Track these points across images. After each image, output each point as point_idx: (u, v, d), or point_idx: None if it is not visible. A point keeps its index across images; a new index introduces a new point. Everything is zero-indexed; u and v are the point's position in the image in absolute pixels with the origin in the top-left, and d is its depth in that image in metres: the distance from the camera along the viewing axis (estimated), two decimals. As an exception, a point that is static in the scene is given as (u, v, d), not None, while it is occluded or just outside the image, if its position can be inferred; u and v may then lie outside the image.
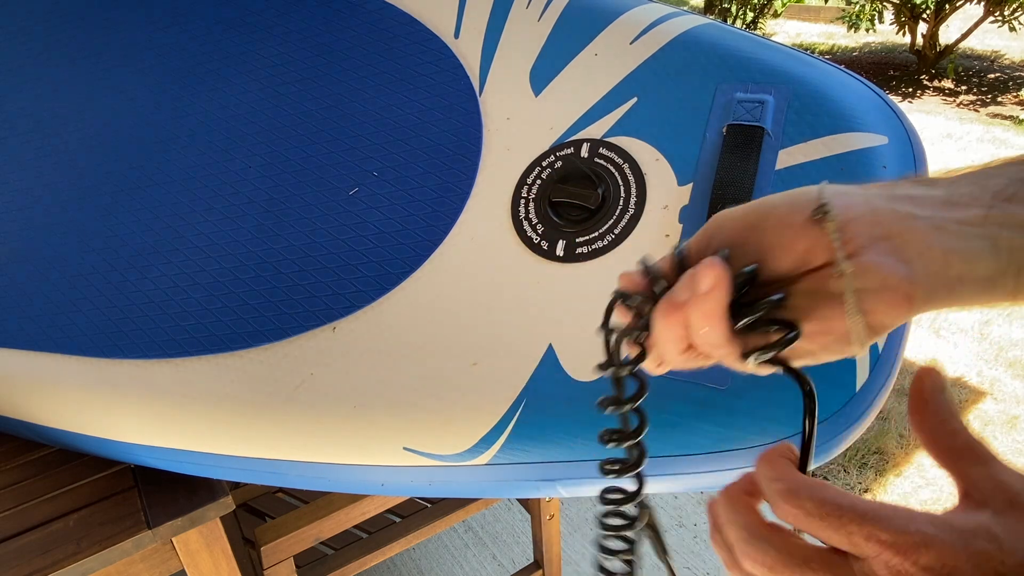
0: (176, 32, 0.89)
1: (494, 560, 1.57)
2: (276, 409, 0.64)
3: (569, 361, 0.56)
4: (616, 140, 0.63)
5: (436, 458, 0.59)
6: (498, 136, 0.68)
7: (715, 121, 0.61)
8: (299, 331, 0.66)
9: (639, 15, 0.67)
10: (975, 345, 2.27)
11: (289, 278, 0.69)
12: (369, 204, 0.69)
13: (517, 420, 0.56)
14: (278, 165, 0.75)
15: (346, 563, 1.07)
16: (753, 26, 6.46)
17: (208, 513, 0.71)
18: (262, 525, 0.93)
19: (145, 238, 0.77)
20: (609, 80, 0.65)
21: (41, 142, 0.90)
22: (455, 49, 0.73)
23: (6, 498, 0.74)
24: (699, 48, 0.64)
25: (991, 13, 4.77)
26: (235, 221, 0.74)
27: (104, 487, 0.75)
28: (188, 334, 0.70)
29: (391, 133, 0.72)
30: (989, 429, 1.94)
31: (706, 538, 1.60)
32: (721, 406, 0.51)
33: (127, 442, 0.71)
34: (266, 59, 0.82)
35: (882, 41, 6.44)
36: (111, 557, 0.67)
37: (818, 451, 0.51)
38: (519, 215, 0.63)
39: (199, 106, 0.83)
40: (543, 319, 0.59)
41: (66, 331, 0.75)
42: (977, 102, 4.70)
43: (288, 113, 0.78)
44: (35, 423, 0.76)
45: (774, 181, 0.57)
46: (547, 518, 1.21)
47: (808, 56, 0.63)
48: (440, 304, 0.62)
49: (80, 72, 0.92)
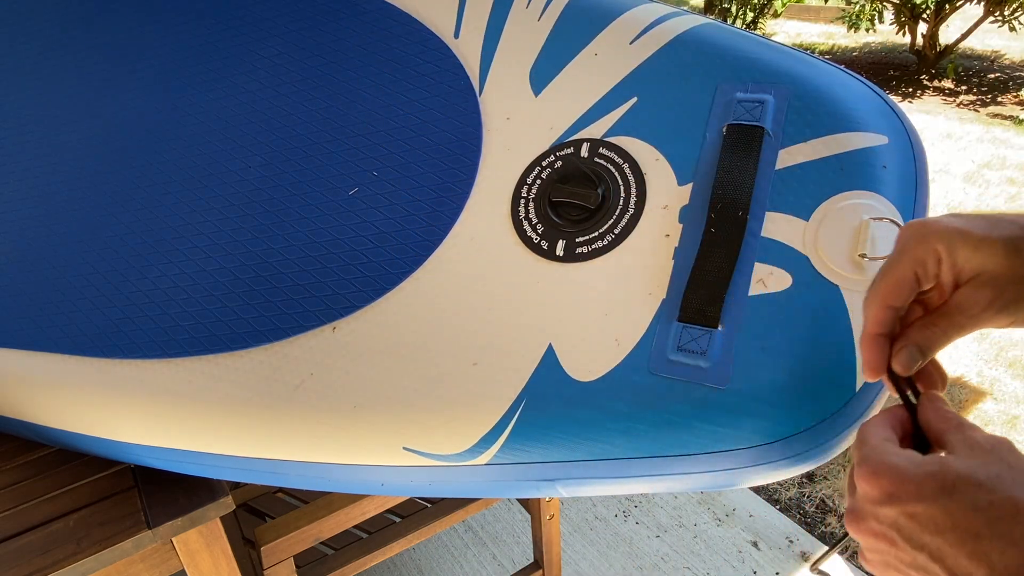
0: (175, 32, 0.89)
1: (494, 560, 1.57)
2: (276, 409, 0.64)
3: (569, 361, 0.56)
4: (616, 140, 0.63)
5: (436, 458, 0.59)
6: (498, 136, 0.68)
7: (715, 121, 0.61)
8: (299, 331, 0.66)
9: (639, 15, 0.67)
10: (975, 345, 2.28)
11: (289, 278, 0.69)
12: (369, 204, 0.69)
13: (517, 420, 0.56)
14: (278, 165, 0.75)
15: (346, 563, 1.07)
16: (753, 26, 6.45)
17: (208, 513, 0.71)
18: (262, 525, 0.93)
19: (145, 238, 0.77)
20: (609, 80, 0.65)
21: (41, 142, 0.90)
22: (455, 49, 0.73)
23: (6, 498, 0.74)
24: (699, 48, 0.64)
25: (991, 13, 4.77)
26: (235, 221, 0.74)
27: (104, 487, 0.75)
28: (188, 334, 0.70)
29: (391, 133, 0.72)
30: (989, 429, 1.94)
31: (706, 538, 1.60)
32: (721, 406, 0.51)
33: (127, 442, 0.71)
34: (266, 59, 0.82)
35: (882, 41, 6.44)
36: (111, 557, 0.67)
37: (818, 450, 0.51)
38: (519, 215, 0.63)
39: (199, 106, 0.83)
40: (543, 319, 0.59)
41: (66, 331, 0.75)
42: (977, 102, 4.69)
43: (288, 113, 0.78)
44: (35, 423, 0.76)
45: (774, 181, 0.57)
46: (547, 518, 1.21)
47: (808, 56, 0.63)
48: (440, 304, 0.62)
49: (80, 72, 0.92)
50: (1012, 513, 0.29)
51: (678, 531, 1.63)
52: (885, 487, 0.33)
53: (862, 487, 0.34)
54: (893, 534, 0.33)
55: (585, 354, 0.56)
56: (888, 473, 0.33)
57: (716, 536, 1.61)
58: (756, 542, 1.59)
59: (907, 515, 0.32)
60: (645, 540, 1.60)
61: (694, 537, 1.61)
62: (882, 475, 0.33)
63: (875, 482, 0.33)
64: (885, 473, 0.33)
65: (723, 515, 1.67)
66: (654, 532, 1.63)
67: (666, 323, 0.55)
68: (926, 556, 0.31)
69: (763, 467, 0.52)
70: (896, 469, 0.33)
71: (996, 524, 0.29)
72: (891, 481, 0.33)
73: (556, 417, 0.55)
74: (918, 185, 0.55)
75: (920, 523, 0.31)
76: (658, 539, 1.61)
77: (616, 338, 0.56)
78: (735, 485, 0.54)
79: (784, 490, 1.76)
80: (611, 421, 0.54)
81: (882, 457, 0.34)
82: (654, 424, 0.53)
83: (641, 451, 0.53)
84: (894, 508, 0.32)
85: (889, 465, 0.33)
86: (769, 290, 0.53)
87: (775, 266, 0.54)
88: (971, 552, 0.30)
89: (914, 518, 0.32)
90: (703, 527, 1.64)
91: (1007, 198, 3.42)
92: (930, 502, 0.31)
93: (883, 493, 0.33)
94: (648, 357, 0.54)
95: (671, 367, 0.53)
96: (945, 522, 0.30)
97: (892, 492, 0.32)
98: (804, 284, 0.53)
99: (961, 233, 0.38)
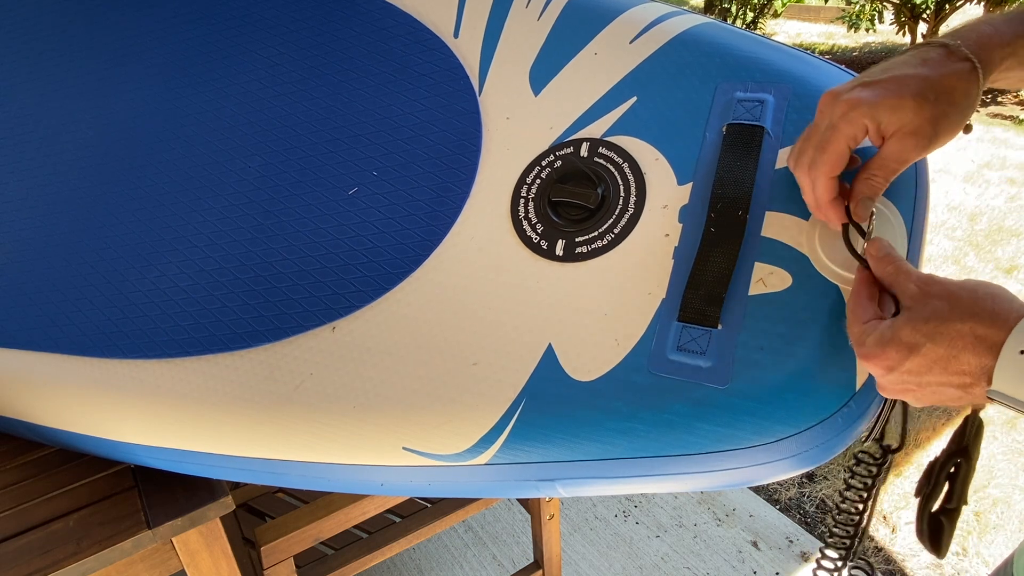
0: (175, 32, 0.89)
1: (494, 560, 1.57)
2: (276, 409, 0.64)
3: (569, 361, 0.56)
4: (616, 139, 0.63)
5: (435, 458, 0.59)
6: (498, 135, 0.68)
7: (715, 120, 0.61)
8: (298, 331, 0.66)
9: (639, 14, 0.67)
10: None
11: (288, 278, 0.69)
12: (369, 204, 0.69)
13: (516, 420, 0.56)
14: (277, 165, 0.75)
15: (346, 563, 1.07)
16: (753, 26, 6.46)
17: (208, 513, 0.71)
18: (262, 525, 0.93)
19: (145, 238, 0.77)
20: (609, 79, 0.65)
21: (41, 143, 0.90)
22: (455, 48, 0.73)
23: (6, 498, 0.74)
24: (699, 47, 0.64)
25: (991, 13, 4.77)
26: (234, 221, 0.74)
27: (104, 487, 0.75)
28: (188, 334, 0.70)
29: (390, 133, 0.72)
30: (989, 429, 1.94)
31: (706, 538, 1.60)
32: (721, 406, 0.51)
33: (127, 442, 0.71)
34: (265, 59, 0.82)
35: (882, 41, 6.44)
36: (111, 557, 0.67)
37: (818, 450, 0.51)
38: (519, 214, 0.63)
39: (199, 106, 0.83)
40: (542, 319, 0.58)
41: (66, 331, 0.75)
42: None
43: (287, 113, 0.78)
44: (35, 423, 0.76)
45: (774, 180, 0.57)
46: (547, 518, 1.21)
47: (808, 55, 0.63)
48: (439, 304, 0.62)
49: (80, 72, 0.92)
50: (950, 332, 0.40)
51: (678, 531, 1.63)
52: (881, 364, 0.43)
53: (868, 368, 0.45)
54: (908, 386, 0.43)
55: (585, 354, 0.56)
56: (875, 356, 0.43)
57: (716, 536, 1.61)
58: (756, 542, 1.59)
59: (905, 372, 0.42)
60: (645, 540, 1.60)
61: (694, 537, 1.61)
62: (872, 358, 0.44)
63: (872, 364, 0.44)
64: (873, 356, 0.44)
65: (723, 515, 1.67)
66: (654, 532, 1.63)
67: (666, 323, 0.55)
68: (936, 386, 0.42)
69: (763, 467, 0.52)
70: (877, 350, 0.43)
71: (950, 343, 0.40)
72: (880, 359, 0.43)
73: (556, 417, 0.55)
74: (918, 185, 0.55)
75: (916, 372, 0.42)
76: (658, 539, 1.61)
77: (616, 338, 0.56)
78: (735, 485, 0.54)
79: (784, 490, 1.76)
80: (611, 421, 0.54)
81: (862, 344, 0.44)
82: (654, 424, 0.53)
83: (641, 451, 0.53)
84: (895, 373, 0.43)
85: (871, 350, 0.44)
86: (769, 290, 0.53)
87: (775, 265, 0.54)
88: (954, 370, 0.41)
89: (911, 372, 0.42)
90: (703, 527, 1.64)
91: (1007, 198, 3.42)
92: (909, 359, 0.42)
93: (882, 368, 0.43)
94: (648, 357, 0.54)
95: (671, 367, 0.53)
96: (926, 363, 0.41)
97: (886, 366, 0.43)
98: (804, 284, 0.53)
99: (879, 104, 0.46)
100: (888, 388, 0.45)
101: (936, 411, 2.01)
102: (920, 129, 0.46)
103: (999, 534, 1.63)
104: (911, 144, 0.47)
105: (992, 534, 1.62)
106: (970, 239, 3.03)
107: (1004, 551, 1.57)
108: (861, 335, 0.45)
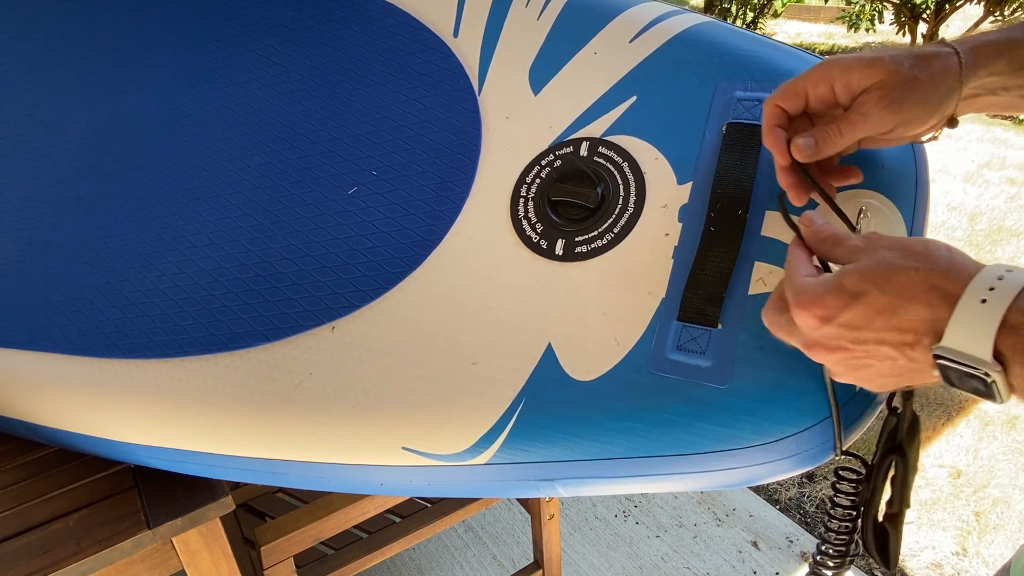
0: (174, 32, 0.89)
1: (494, 560, 1.57)
2: (275, 409, 0.64)
3: (568, 360, 0.56)
4: (615, 139, 0.63)
5: (435, 458, 0.59)
6: (497, 135, 0.68)
7: (715, 119, 0.60)
8: (298, 331, 0.66)
9: (638, 13, 0.67)
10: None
11: (288, 278, 0.69)
12: (368, 204, 0.69)
13: (516, 420, 0.56)
14: (277, 165, 0.75)
15: (346, 563, 1.07)
16: (753, 26, 6.46)
17: (208, 513, 0.71)
18: (262, 525, 0.93)
19: (144, 238, 0.77)
20: (608, 79, 0.65)
21: (40, 143, 0.90)
22: (454, 48, 0.73)
23: (6, 498, 0.74)
24: (698, 46, 0.64)
25: (991, 13, 4.77)
26: (234, 221, 0.74)
27: (104, 487, 0.75)
28: (187, 334, 0.70)
29: (390, 132, 0.72)
30: (989, 429, 1.94)
31: (706, 538, 1.60)
32: (721, 405, 0.51)
33: (127, 442, 0.71)
34: (264, 58, 0.82)
35: (882, 41, 6.44)
36: (111, 557, 0.67)
37: (818, 450, 0.51)
38: (518, 214, 0.63)
39: (199, 105, 0.83)
40: (542, 318, 0.58)
41: (66, 331, 0.75)
42: (977, 102, 4.69)
43: (287, 112, 0.78)
44: (35, 423, 0.76)
45: (774, 179, 0.57)
46: (547, 518, 1.21)
47: (808, 54, 0.63)
48: (439, 303, 0.62)
49: (80, 72, 0.92)
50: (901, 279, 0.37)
51: (678, 531, 1.63)
52: (816, 313, 0.39)
53: (801, 321, 0.41)
54: (841, 342, 0.40)
55: (584, 353, 0.56)
56: (812, 303, 0.40)
57: (716, 536, 1.61)
58: (756, 542, 1.59)
59: (841, 325, 0.39)
60: (645, 540, 1.60)
61: (694, 537, 1.61)
62: (809, 306, 0.40)
63: (808, 313, 0.40)
64: (810, 304, 0.40)
65: (723, 515, 1.67)
66: (654, 532, 1.63)
67: (666, 322, 0.55)
68: (873, 344, 0.39)
69: (763, 467, 0.52)
70: (815, 297, 0.40)
71: (899, 291, 0.37)
72: (817, 307, 0.39)
73: (555, 417, 0.55)
74: (918, 184, 0.55)
75: (854, 325, 0.38)
76: (658, 539, 1.61)
77: (615, 337, 0.56)
78: (735, 485, 0.54)
79: (784, 490, 1.76)
80: (611, 420, 0.54)
81: (803, 292, 0.40)
82: (654, 424, 0.53)
83: (641, 451, 0.53)
84: (831, 326, 0.39)
85: (809, 297, 0.40)
86: (769, 289, 0.53)
87: (775, 265, 0.54)
88: (897, 324, 0.37)
89: (847, 324, 0.39)
90: (703, 527, 1.64)
91: (1007, 198, 3.42)
92: (850, 307, 0.38)
93: (817, 319, 0.40)
94: (648, 356, 0.54)
95: (671, 366, 0.53)
96: (868, 314, 0.38)
97: (822, 315, 0.39)
98: (804, 283, 0.52)
99: (854, 60, 0.46)
100: (816, 347, 0.41)
101: (936, 411, 2.01)
102: (888, 85, 0.45)
103: (999, 534, 1.63)
104: (876, 97, 0.46)
105: (992, 534, 1.62)
106: (970, 239, 3.03)
107: (1004, 551, 1.57)
108: (801, 285, 0.41)
